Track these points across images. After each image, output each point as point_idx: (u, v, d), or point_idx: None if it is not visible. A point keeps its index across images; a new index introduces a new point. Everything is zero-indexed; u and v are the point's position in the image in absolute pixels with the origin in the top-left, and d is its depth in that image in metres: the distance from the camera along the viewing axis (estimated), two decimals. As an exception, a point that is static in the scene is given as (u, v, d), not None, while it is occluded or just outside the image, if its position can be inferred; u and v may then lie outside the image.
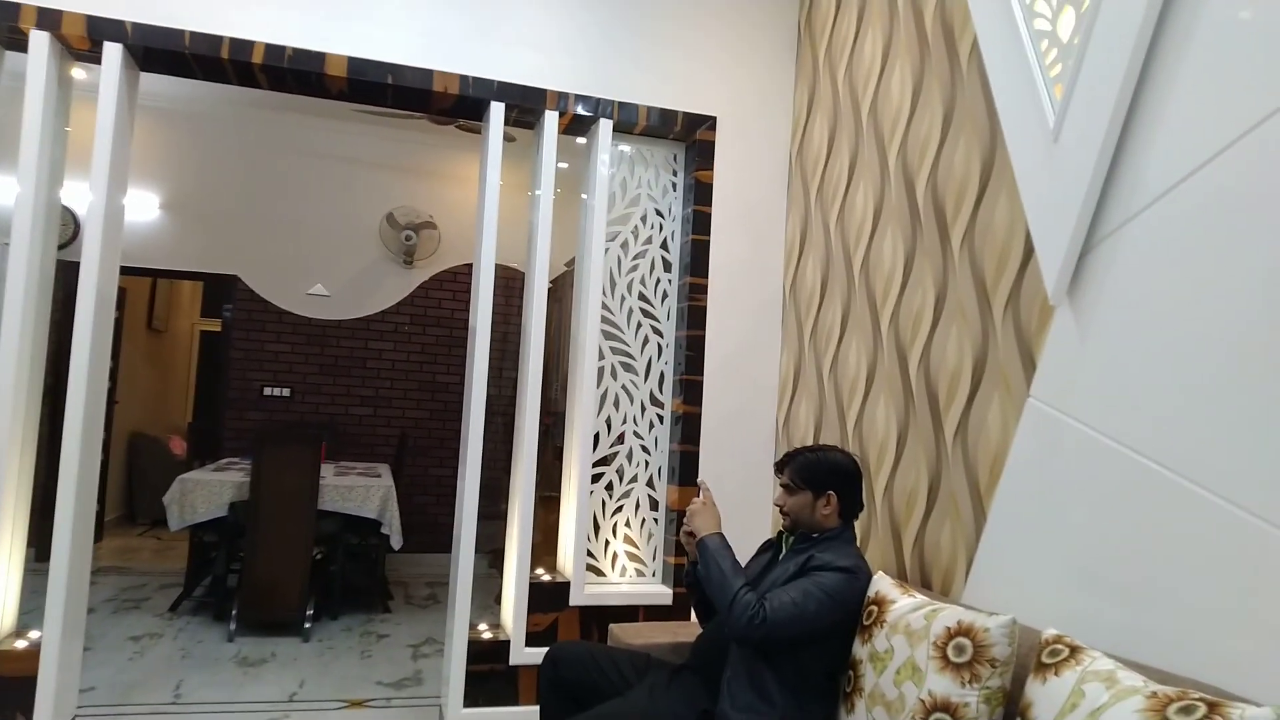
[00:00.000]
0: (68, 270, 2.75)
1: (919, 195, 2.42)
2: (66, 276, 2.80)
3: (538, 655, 2.34)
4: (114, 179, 2.65)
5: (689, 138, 3.19)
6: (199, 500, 4.04)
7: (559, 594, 2.98)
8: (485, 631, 2.94)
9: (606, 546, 3.12)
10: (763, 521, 3.10)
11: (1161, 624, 1.51)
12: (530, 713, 2.75)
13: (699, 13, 3.20)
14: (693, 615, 2.37)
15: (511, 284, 3.82)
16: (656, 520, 3.18)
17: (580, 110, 3.02)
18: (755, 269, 3.24)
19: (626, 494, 3.15)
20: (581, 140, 3.22)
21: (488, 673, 2.88)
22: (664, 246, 3.23)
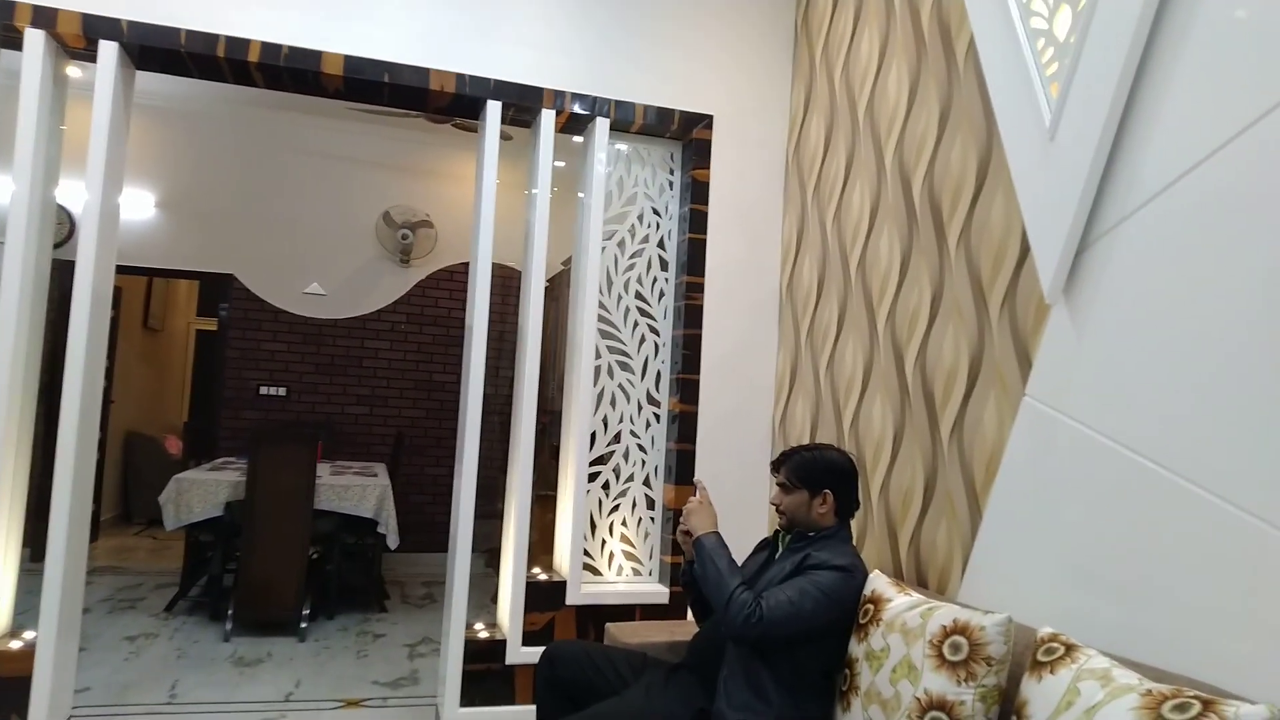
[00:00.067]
0: (63, 269, 2.74)
1: (915, 194, 2.42)
2: (62, 275, 2.79)
3: (534, 654, 2.33)
4: (109, 177, 2.65)
5: (685, 136, 3.19)
6: (195, 500, 4.04)
7: (555, 593, 2.97)
8: (482, 631, 2.94)
9: (603, 545, 3.12)
10: (759, 520, 3.10)
11: (1157, 622, 1.51)
12: (527, 712, 2.75)
13: (696, 12, 3.21)
14: (689, 614, 2.36)
15: (508, 283, 3.80)
16: (653, 519, 3.18)
17: (577, 109, 3.01)
18: (752, 268, 3.24)
19: (623, 493, 3.15)
20: (578, 139, 3.22)
21: (484, 672, 2.87)
22: (661, 245, 3.23)
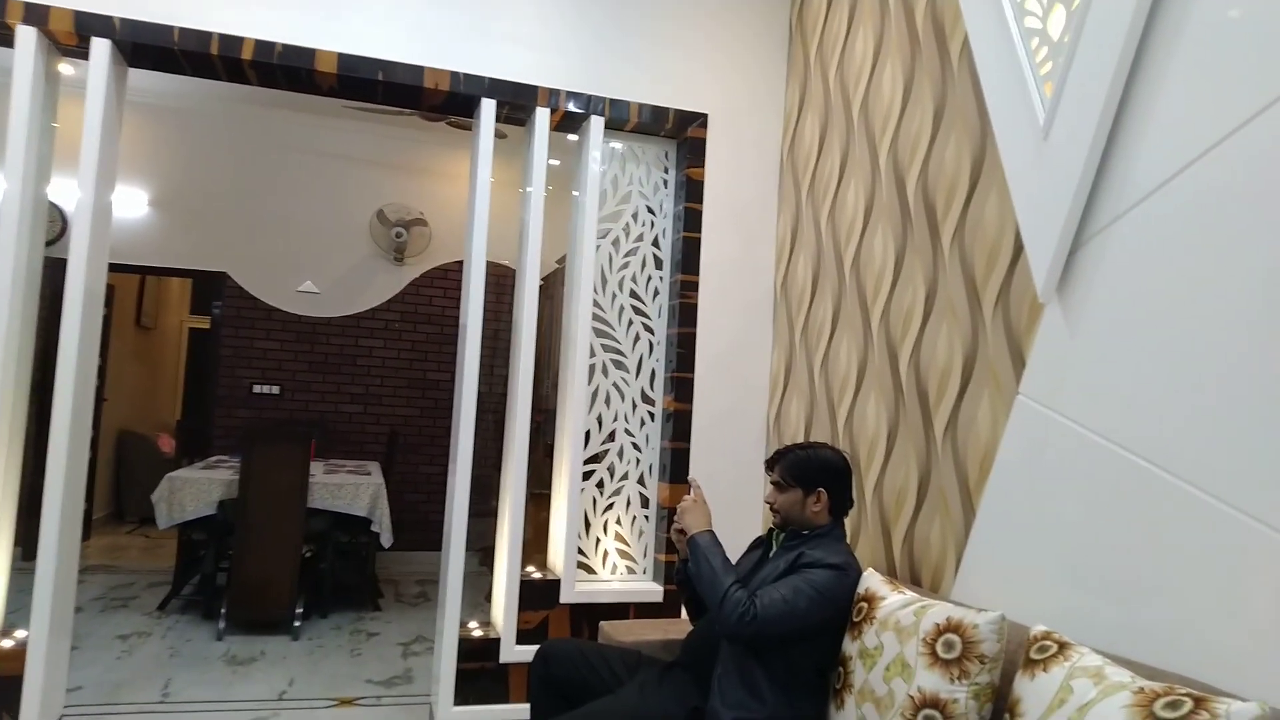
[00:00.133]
0: (55, 267, 2.72)
1: (909, 193, 2.42)
2: (54, 273, 2.77)
3: (528, 653, 2.34)
4: (102, 175, 2.63)
5: (680, 135, 3.19)
6: (188, 498, 4.02)
7: (550, 591, 2.97)
8: (476, 629, 2.94)
9: (597, 544, 3.12)
10: (753, 519, 3.10)
11: (1150, 620, 1.52)
12: (521, 710, 2.74)
13: (691, 10, 3.20)
14: (683, 612, 2.37)
15: (502, 281, 3.80)
16: (647, 518, 3.18)
17: (571, 107, 3.01)
18: (746, 266, 3.24)
19: (617, 491, 3.15)
20: (573, 137, 3.21)
21: (478, 671, 2.87)
22: (655, 244, 3.23)
